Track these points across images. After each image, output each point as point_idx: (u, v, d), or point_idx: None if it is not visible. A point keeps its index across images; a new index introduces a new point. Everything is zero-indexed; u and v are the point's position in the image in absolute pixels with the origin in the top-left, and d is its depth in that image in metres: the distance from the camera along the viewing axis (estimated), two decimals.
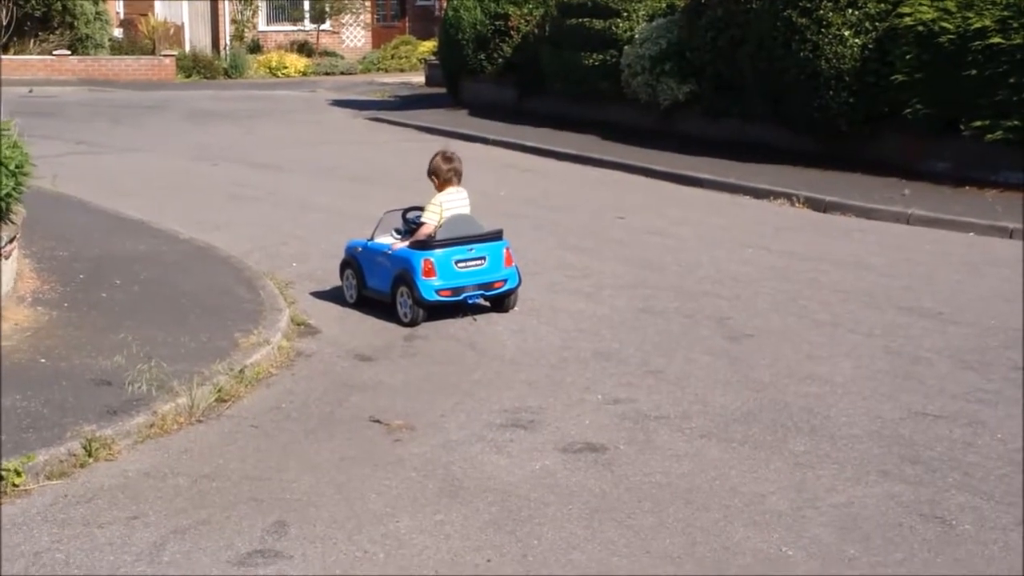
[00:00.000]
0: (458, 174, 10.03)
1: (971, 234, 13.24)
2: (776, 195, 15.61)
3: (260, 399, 7.87)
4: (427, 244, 9.69)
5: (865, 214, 14.41)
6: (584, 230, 13.63)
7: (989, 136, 15.12)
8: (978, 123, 15.22)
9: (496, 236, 9.96)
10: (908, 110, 16.05)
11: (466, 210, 9.95)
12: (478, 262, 9.77)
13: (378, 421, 7.40)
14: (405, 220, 10.15)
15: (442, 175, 9.97)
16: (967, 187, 15.30)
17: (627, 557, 5.54)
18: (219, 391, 7.71)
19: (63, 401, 7.30)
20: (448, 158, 10.07)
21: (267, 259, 12.04)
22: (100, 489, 6.37)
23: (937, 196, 14.93)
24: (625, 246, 12.72)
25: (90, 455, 6.66)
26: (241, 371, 8.05)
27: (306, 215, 14.73)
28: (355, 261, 10.34)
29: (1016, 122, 14.81)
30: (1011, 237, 12.98)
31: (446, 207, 9.83)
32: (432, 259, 9.59)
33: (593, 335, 9.34)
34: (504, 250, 9.92)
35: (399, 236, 10.08)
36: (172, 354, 8.29)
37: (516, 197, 15.81)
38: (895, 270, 11.49)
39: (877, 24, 16.60)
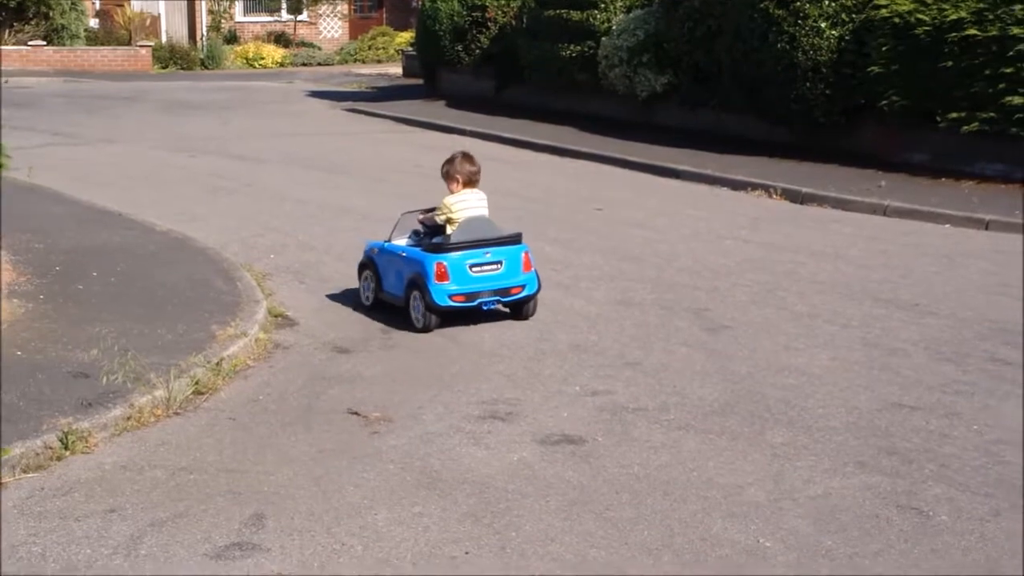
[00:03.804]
0: (479, 175, 9.62)
1: (947, 226, 13.29)
2: (753, 186, 15.65)
3: (237, 391, 7.85)
4: (441, 247, 9.28)
5: (842, 205, 14.46)
6: (562, 222, 13.63)
7: (965, 128, 15.19)
8: (954, 115, 15.28)
9: (515, 240, 9.52)
10: (884, 102, 16.11)
11: (485, 211, 9.57)
12: (494, 267, 9.34)
13: (356, 413, 7.39)
14: (422, 223, 9.70)
15: (465, 176, 9.51)
16: (943, 179, 15.36)
17: (605, 549, 5.54)
18: (196, 383, 7.68)
19: (39, 394, 7.26)
20: (471, 159, 9.62)
21: (244, 250, 12.00)
22: (77, 482, 6.34)
23: (913, 187, 14.98)
24: (603, 238, 12.72)
25: (66, 448, 6.63)
26: (218, 363, 8.02)
27: (284, 206, 14.69)
28: (373, 263, 9.86)
29: (992, 114, 14.87)
30: (987, 228, 13.04)
31: (456, 209, 9.39)
32: (445, 263, 9.15)
33: (571, 327, 9.34)
34: (523, 254, 9.47)
35: (417, 239, 9.68)
36: (149, 346, 8.27)
37: (493, 189, 15.68)
38: (872, 261, 11.53)
39: (854, 16, 16.65)
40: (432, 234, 9.53)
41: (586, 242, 12.48)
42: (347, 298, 10.15)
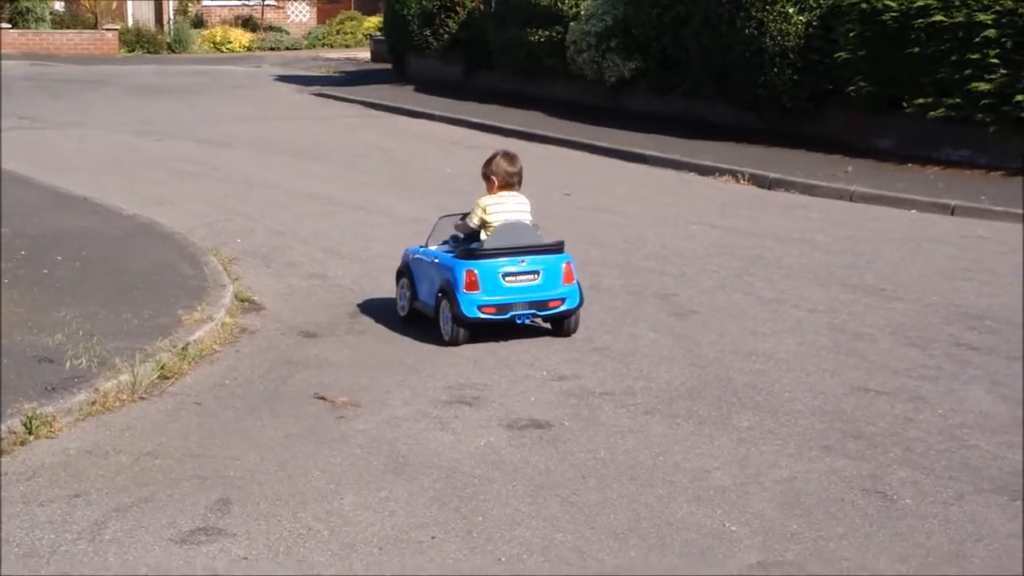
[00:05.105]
0: (519, 177, 8.99)
1: (913, 211, 13.36)
2: (721, 172, 15.69)
3: (203, 376, 7.82)
4: (472, 253, 8.56)
5: (809, 191, 14.51)
6: (530, 207, 13.58)
7: (932, 113, 15.26)
8: (921, 100, 15.35)
9: (555, 248, 8.75)
10: (852, 87, 16.17)
11: (524, 216, 8.89)
12: (530, 277, 8.56)
13: (323, 398, 7.37)
14: (458, 228, 9.13)
15: (501, 177, 8.88)
16: (909, 164, 15.44)
17: (571, 533, 5.55)
18: (162, 368, 7.64)
19: (3, 378, 7.20)
20: (511, 159, 9.00)
21: (211, 235, 11.95)
22: (41, 467, 6.30)
23: (880, 173, 15.05)
24: (571, 223, 12.70)
25: (31, 432, 6.59)
26: (184, 348, 7.98)
27: (251, 191, 14.63)
28: (408, 270, 9.13)
29: (958, 100, 14.95)
30: (953, 214, 13.11)
31: (491, 211, 8.72)
32: (476, 271, 8.41)
33: None
34: (563, 265, 8.68)
35: (453, 244, 8.98)
36: (114, 331, 8.22)
37: (462, 174, 15.76)
38: (838, 247, 11.57)
39: (821, 1, 16.69)
40: (469, 240, 8.86)
41: (554, 227, 12.41)
42: (314, 283, 10.12)
